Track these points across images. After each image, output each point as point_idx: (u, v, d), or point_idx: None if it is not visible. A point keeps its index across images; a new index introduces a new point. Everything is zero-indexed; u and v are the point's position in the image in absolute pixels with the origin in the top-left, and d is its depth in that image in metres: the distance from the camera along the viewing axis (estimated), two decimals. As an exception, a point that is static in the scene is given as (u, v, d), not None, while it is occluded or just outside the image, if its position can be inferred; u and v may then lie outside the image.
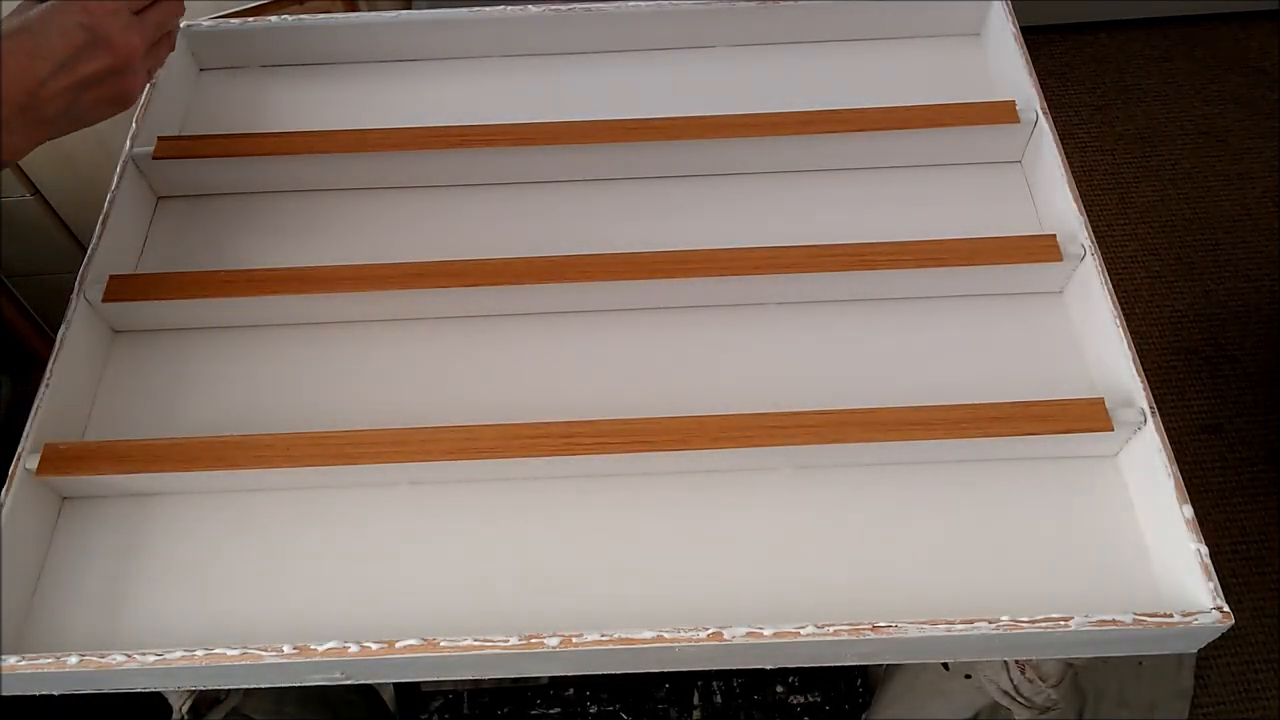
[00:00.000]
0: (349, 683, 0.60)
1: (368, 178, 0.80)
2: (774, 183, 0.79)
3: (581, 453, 0.63)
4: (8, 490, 0.62)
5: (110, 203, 0.75)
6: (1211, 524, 1.33)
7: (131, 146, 0.78)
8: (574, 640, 0.55)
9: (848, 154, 0.79)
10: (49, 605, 0.63)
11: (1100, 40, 1.89)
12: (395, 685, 1.04)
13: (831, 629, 0.55)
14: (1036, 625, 0.55)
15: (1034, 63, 0.79)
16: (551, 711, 1.05)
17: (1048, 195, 0.76)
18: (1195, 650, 0.59)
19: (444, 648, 0.56)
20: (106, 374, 0.72)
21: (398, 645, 0.56)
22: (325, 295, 0.71)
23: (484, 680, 1.05)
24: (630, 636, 0.55)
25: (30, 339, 1.26)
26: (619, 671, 0.60)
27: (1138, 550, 0.62)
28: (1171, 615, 0.55)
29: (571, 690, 1.05)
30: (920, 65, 0.86)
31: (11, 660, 0.57)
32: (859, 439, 0.62)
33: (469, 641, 0.56)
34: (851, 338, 0.71)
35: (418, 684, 1.05)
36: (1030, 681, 0.69)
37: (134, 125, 0.79)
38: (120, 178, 0.76)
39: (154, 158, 0.77)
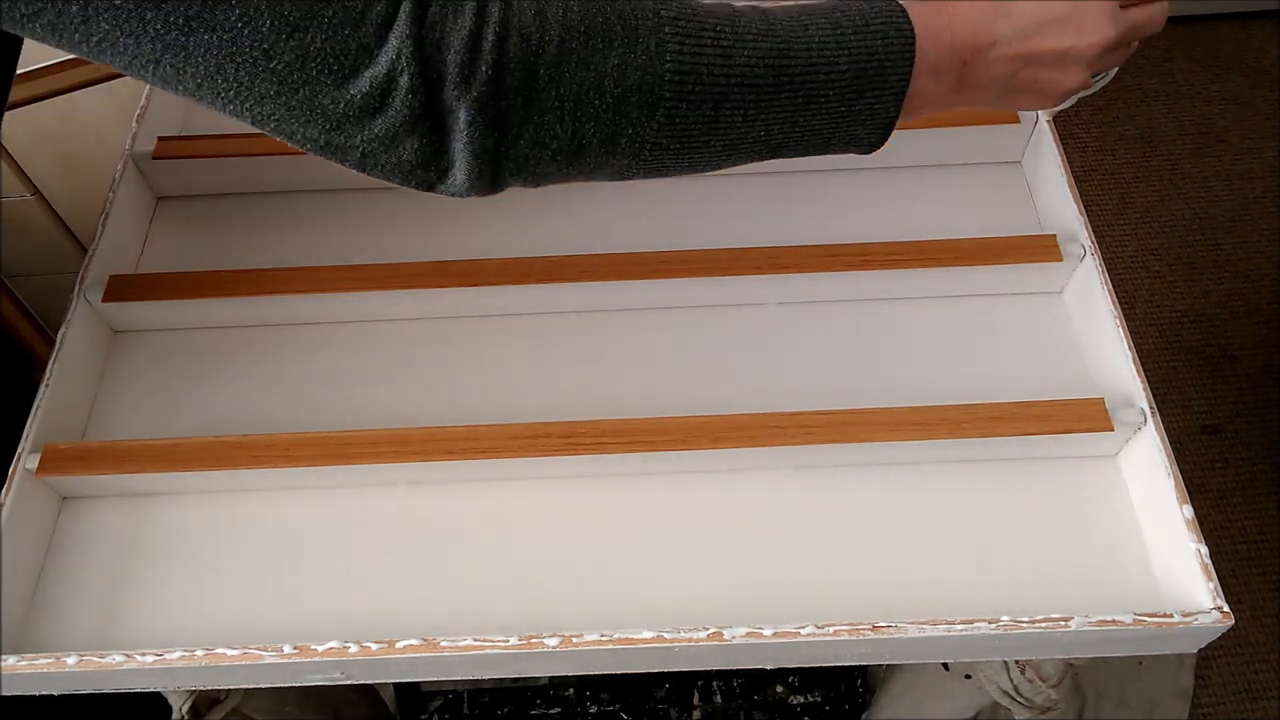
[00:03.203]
0: (349, 683, 0.60)
1: (368, 178, 0.79)
2: (774, 183, 0.79)
3: (582, 453, 0.62)
4: (8, 490, 0.62)
5: (110, 203, 0.75)
6: (1211, 524, 1.33)
7: (131, 146, 0.78)
8: (574, 640, 0.55)
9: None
10: (49, 605, 0.63)
11: (1100, 40, 1.88)
12: (395, 685, 1.04)
13: (831, 629, 0.55)
14: (1036, 625, 0.55)
15: (1034, 63, 0.79)
16: (551, 711, 1.05)
17: (1048, 195, 0.76)
18: (1195, 650, 0.59)
19: (444, 648, 0.56)
20: (106, 374, 0.72)
21: (398, 645, 0.56)
22: (325, 295, 0.71)
23: (484, 680, 1.05)
24: (630, 636, 0.55)
25: (30, 339, 1.26)
26: (619, 671, 0.60)
27: (1138, 550, 0.62)
28: (1171, 615, 0.55)
29: (571, 690, 1.05)
30: (920, 65, 0.86)
31: (11, 660, 0.57)
32: (859, 439, 0.62)
33: (469, 641, 0.56)
34: (852, 338, 0.71)
35: (418, 684, 1.05)
36: (1030, 681, 0.69)
37: (134, 125, 0.79)
38: (120, 178, 0.76)
39: (154, 158, 0.77)
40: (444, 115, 0.43)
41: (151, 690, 0.64)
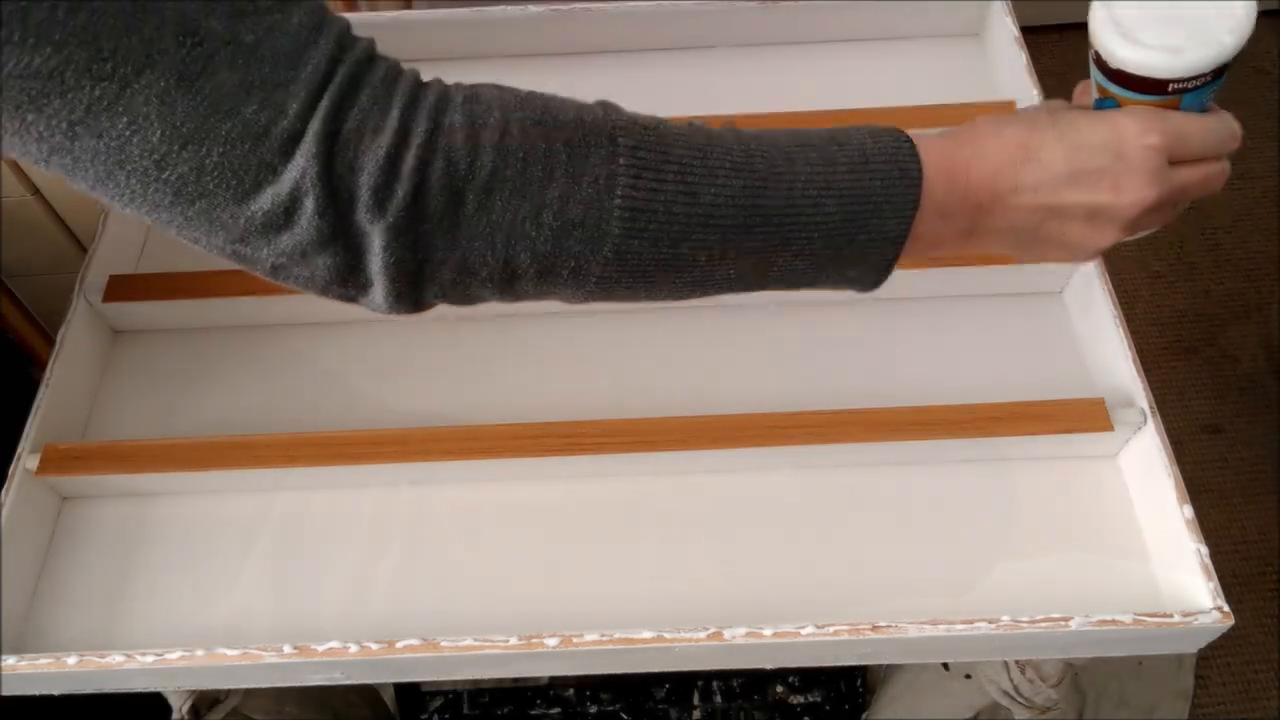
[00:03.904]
0: (349, 683, 0.60)
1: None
2: (774, 183, 0.79)
3: (582, 453, 0.62)
4: (8, 490, 0.62)
5: (110, 203, 0.75)
6: (1211, 524, 1.33)
7: (131, 146, 0.78)
8: (574, 640, 0.55)
9: (848, 154, 0.79)
10: (49, 605, 0.63)
11: (1100, 40, 1.88)
12: (395, 685, 1.04)
13: (831, 629, 0.55)
14: (1036, 625, 0.55)
15: (1034, 63, 0.79)
16: (551, 711, 1.05)
17: (1048, 195, 0.75)
18: (1195, 650, 0.59)
19: (444, 648, 0.56)
20: (106, 374, 0.72)
21: (398, 645, 0.56)
22: (325, 295, 0.70)
23: (484, 680, 1.05)
24: (630, 636, 0.55)
25: (30, 339, 1.26)
26: (619, 671, 0.60)
27: (1138, 550, 0.62)
28: (1171, 615, 0.55)
29: (571, 690, 1.05)
30: (920, 65, 0.86)
31: (11, 660, 0.57)
32: (859, 439, 0.62)
33: (469, 641, 0.56)
34: (852, 338, 0.71)
35: (418, 684, 1.05)
36: (1030, 681, 0.69)
37: (134, 125, 0.79)
38: (120, 178, 0.76)
39: (154, 158, 0.77)
40: (357, 237, 0.40)
41: (151, 690, 0.64)
